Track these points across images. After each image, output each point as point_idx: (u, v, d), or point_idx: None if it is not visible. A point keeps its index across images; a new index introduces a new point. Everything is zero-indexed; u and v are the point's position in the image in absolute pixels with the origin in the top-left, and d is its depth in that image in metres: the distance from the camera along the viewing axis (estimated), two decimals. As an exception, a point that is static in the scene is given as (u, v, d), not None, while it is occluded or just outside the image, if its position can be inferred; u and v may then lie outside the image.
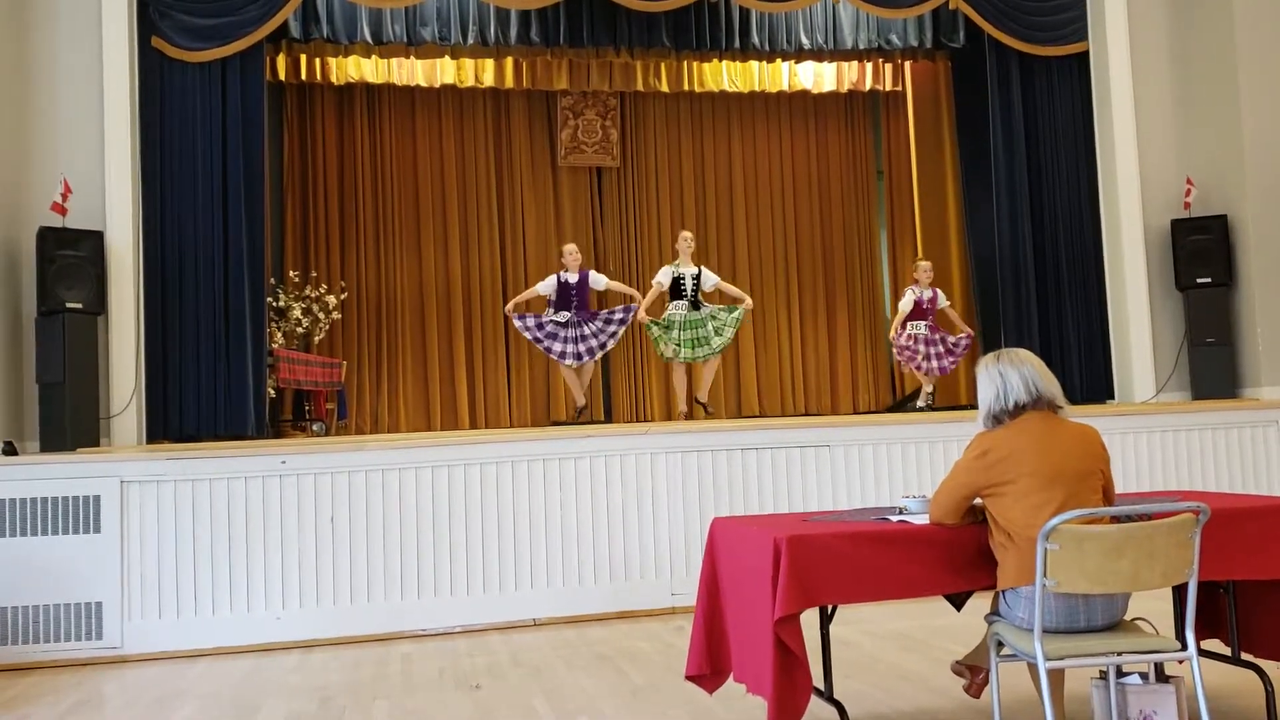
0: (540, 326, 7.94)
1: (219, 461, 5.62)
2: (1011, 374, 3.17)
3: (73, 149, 6.70)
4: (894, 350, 8.71)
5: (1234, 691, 3.79)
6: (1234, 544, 3.30)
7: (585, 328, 7.91)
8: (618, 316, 7.97)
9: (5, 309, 6.23)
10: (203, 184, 7.11)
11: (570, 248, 8.10)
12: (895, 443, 6.40)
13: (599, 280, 8.13)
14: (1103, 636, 3.00)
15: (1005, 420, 3.16)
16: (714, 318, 7.95)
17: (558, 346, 7.88)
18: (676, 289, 7.99)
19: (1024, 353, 3.25)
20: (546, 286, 8.04)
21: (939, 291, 8.60)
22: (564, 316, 7.90)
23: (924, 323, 8.44)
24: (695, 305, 7.97)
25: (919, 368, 8.49)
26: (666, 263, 10.90)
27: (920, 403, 8.56)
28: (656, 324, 7.92)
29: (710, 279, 8.12)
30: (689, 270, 8.02)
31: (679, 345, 7.89)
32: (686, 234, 8.27)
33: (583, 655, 5.07)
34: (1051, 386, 3.19)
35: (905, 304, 8.50)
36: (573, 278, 7.98)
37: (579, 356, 7.90)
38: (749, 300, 8.20)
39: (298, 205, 10.29)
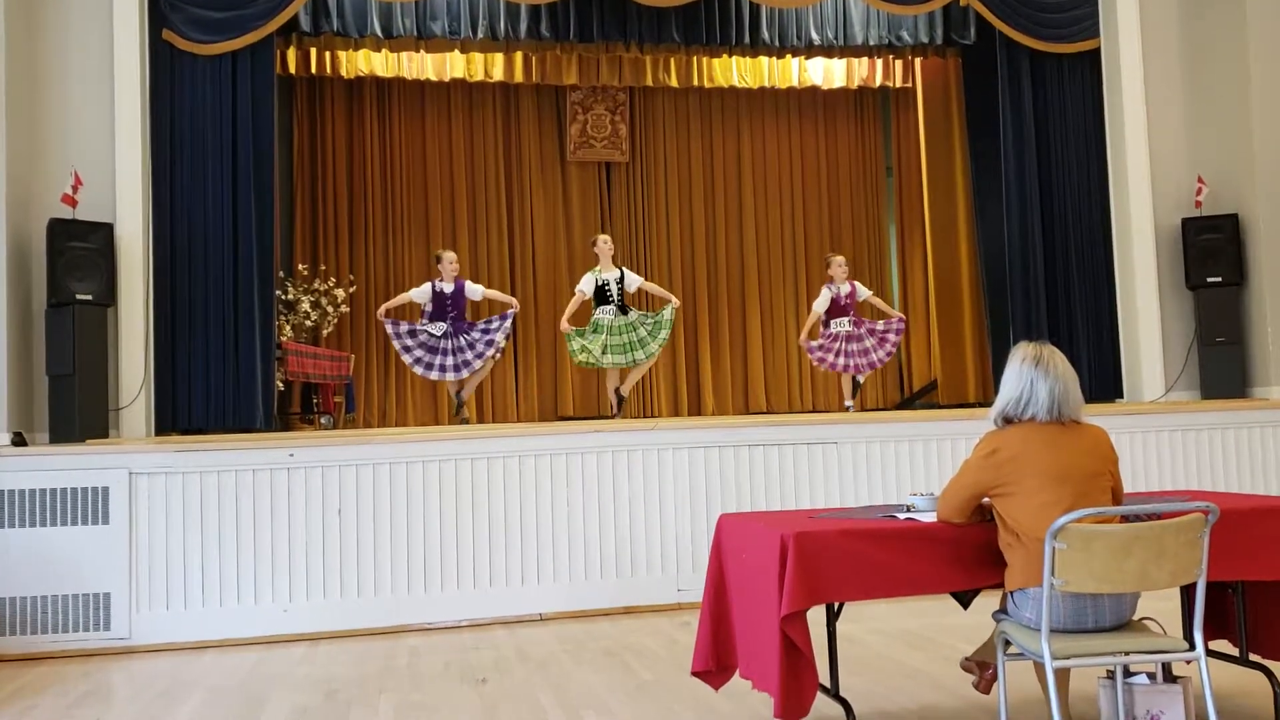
0: (413, 334, 7.55)
1: (227, 454, 5.63)
2: (1041, 388, 3.10)
3: (83, 141, 6.71)
4: (807, 353, 8.46)
5: (1242, 692, 3.78)
6: (1243, 544, 3.29)
7: (461, 339, 7.55)
8: (495, 325, 7.61)
9: (15, 300, 6.24)
10: (212, 177, 7.12)
11: (449, 255, 7.76)
12: (903, 440, 6.39)
13: (475, 290, 7.77)
14: (1110, 636, 2.99)
15: (1016, 422, 3.15)
16: (642, 324, 7.77)
17: (428, 358, 7.52)
18: (602, 295, 7.80)
19: (1061, 362, 3.15)
20: (421, 294, 7.67)
21: (857, 284, 8.41)
22: (440, 329, 7.53)
23: (846, 319, 8.23)
24: (623, 309, 7.82)
25: (834, 367, 8.29)
26: (676, 259, 10.99)
27: (848, 402, 8.41)
28: (579, 332, 7.70)
29: (634, 280, 7.95)
30: (611, 275, 7.84)
31: (606, 350, 7.66)
32: (604, 237, 8.09)
33: (589, 650, 5.08)
34: (1076, 407, 3.13)
35: (820, 303, 8.29)
36: (448, 287, 7.62)
37: (445, 370, 7.50)
38: (676, 300, 8.01)
39: (307, 199, 10.31)
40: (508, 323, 7.69)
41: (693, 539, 6.04)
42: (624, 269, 8.05)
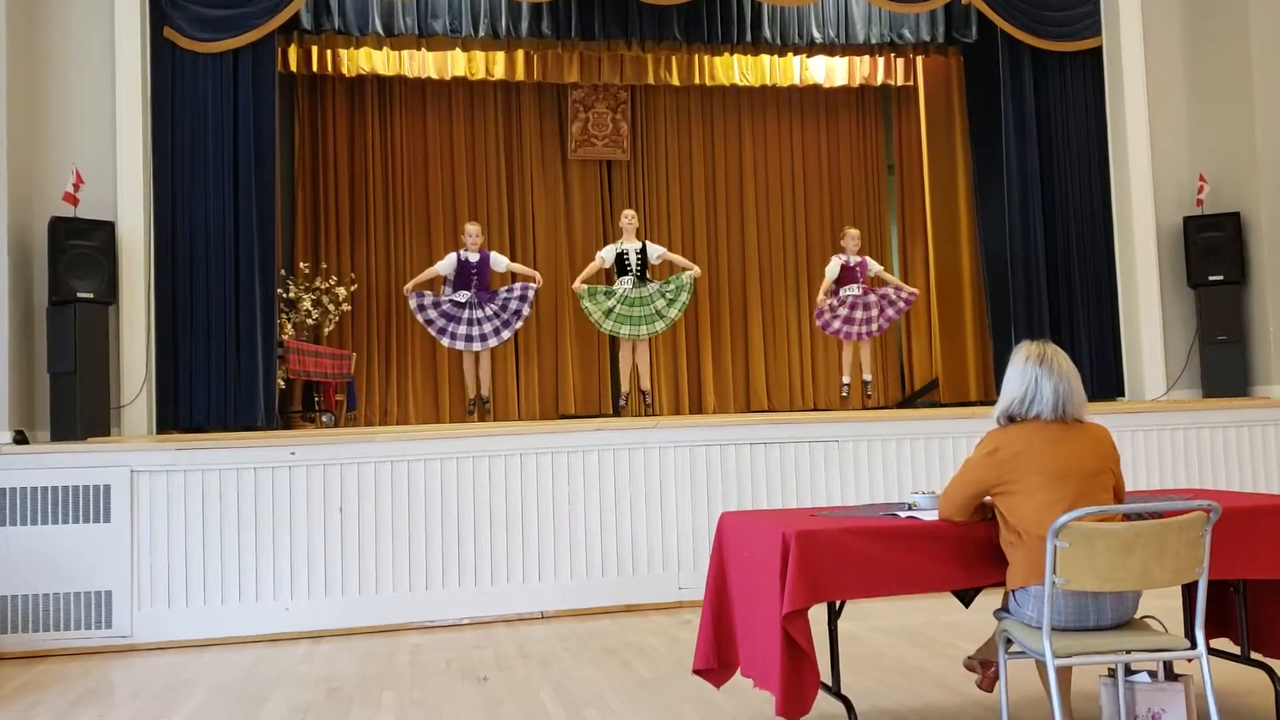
0: (436, 305, 7.77)
1: (228, 452, 5.64)
2: (1046, 386, 3.11)
3: (84, 139, 6.71)
4: (817, 320, 8.74)
5: (1243, 690, 3.78)
6: (1245, 543, 3.28)
7: (483, 309, 7.75)
8: (516, 294, 7.82)
9: (17, 299, 6.24)
10: (214, 175, 7.12)
11: (473, 227, 8.02)
12: (904, 438, 6.39)
13: (500, 261, 8.03)
14: (1112, 634, 2.99)
15: (1019, 421, 3.15)
16: (663, 294, 8.00)
17: (451, 328, 7.71)
18: (621, 265, 8.08)
19: (1064, 360, 3.15)
20: (446, 265, 7.92)
21: (868, 258, 8.72)
22: (463, 296, 7.76)
23: (856, 286, 8.54)
24: (642, 280, 8.04)
25: (836, 332, 8.58)
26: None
27: (846, 378, 8.56)
28: (590, 292, 7.96)
29: (656, 250, 8.22)
30: (632, 246, 8.10)
31: (610, 316, 7.90)
32: (629, 212, 8.38)
33: (590, 648, 5.08)
34: (1080, 406, 3.13)
35: (831, 269, 8.63)
36: (473, 257, 7.87)
37: (470, 340, 7.72)
38: (696, 268, 8.28)
39: (308, 197, 10.30)
40: (530, 293, 7.90)
41: (694, 537, 6.04)
42: (647, 241, 8.22)
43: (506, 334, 7.94)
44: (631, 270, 8.01)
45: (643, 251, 8.08)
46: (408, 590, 5.74)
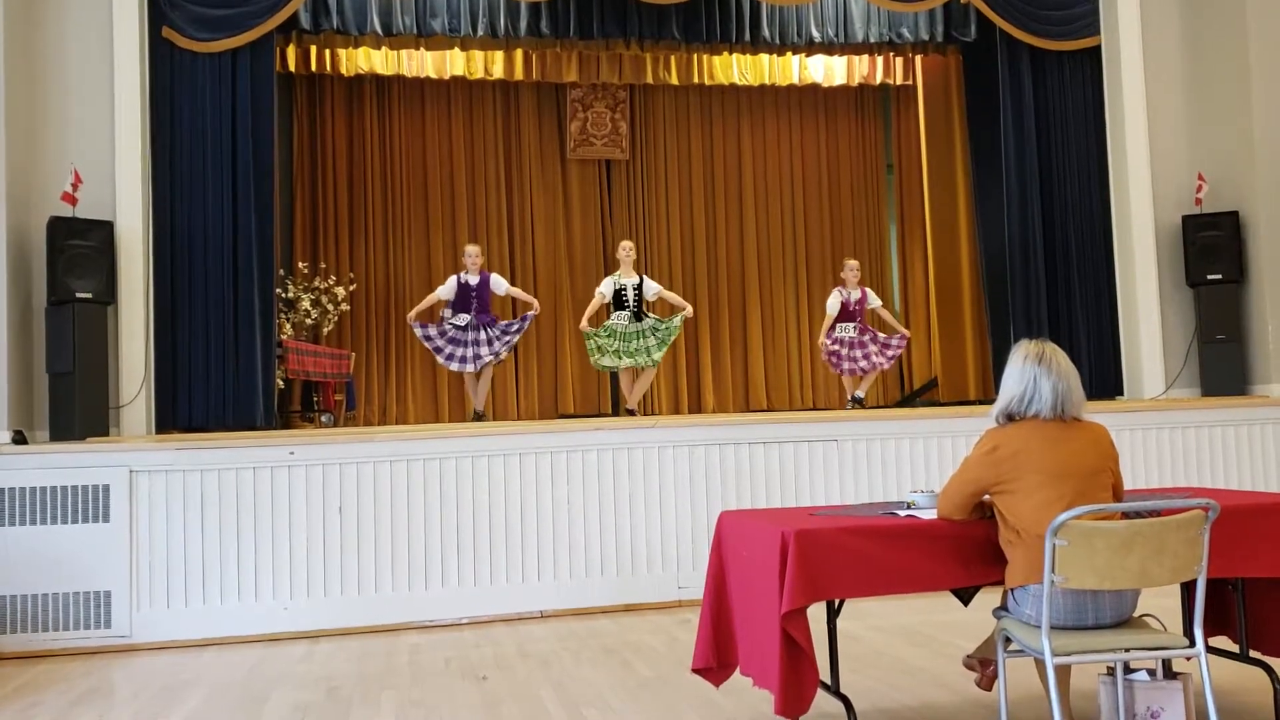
0: (442, 334, 7.76)
1: (227, 452, 5.63)
2: (1045, 384, 3.11)
3: (83, 139, 6.70)
4: (822, 356, 8.64)
5: (1242, 689, 3.79)
6: (1243, 541, 3.29)
7: (485, 332, 7.76)
8: (515, 327, 7.87)
9: (16, 299, 6.24)
10: (212, 175, 7.12)
11: (472, 248, 7.97)
12: (903, 437, 6.39)
13: (500, 284, 7.99)
14: (1110, 633, 3.00)
15: (1018, 419, 3.15)
16: (655, 330, 7.95)
17: (459, 352, 7.72)
18: (619, 300, 7.97)
19: (1064, 360, 3.16)
20: (446, 290, 7.88)
21: (868, 291, 8.57)
22: (464, 320, 7.75)
23: (853, 325, 8.37)
24: (638, 316, 7.96)
25: (841, 370, 8.44)
26: (675, 257, 10.99)
27: (852, 397, 8.49)
28: (596, 334, 7.92)
29: (652, 288, 8.10)
30: (630, 281, 8.00)
31: (618, 355, 7.86)
32: (627, 244, 8.24)
33: (589, 648, 5.08)
34: (1078, 405, 3.13)
35: (832, 305, 8.45)
36: (473, 279, 7.83)
37: (478, 359, 7.73)
38: (689, 308, 8.19)
39: (307, 197, 10.31)
40: (527, 324, 7.91)
41: (693, 536, 6.04)
42: (644, 276, 8.17)
43: (504, 353, 7.94)
44: (628, 305, 7.94)
45: (639, 288, 8.01)
46: (406, 590, 5.74)
